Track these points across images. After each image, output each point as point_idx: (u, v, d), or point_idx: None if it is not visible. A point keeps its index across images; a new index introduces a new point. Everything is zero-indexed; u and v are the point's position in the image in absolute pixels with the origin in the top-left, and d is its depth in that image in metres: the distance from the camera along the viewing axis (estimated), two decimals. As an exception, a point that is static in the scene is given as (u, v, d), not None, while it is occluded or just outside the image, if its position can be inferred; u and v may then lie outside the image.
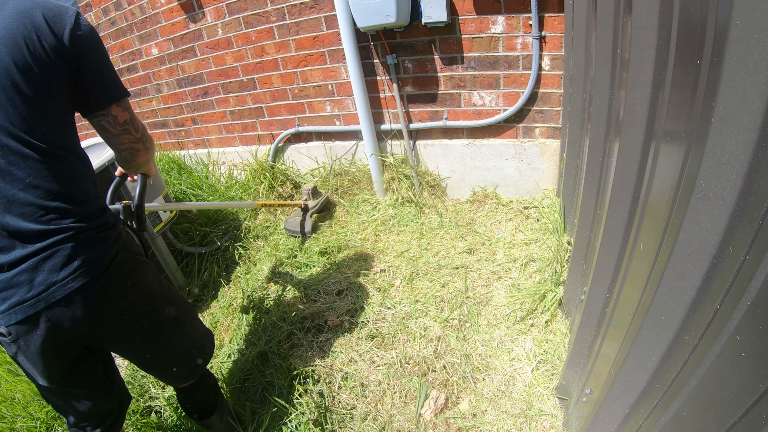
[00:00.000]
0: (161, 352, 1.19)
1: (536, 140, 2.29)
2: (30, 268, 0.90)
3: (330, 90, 2.61)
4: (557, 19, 1.96)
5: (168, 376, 1.29)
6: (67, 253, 0.93)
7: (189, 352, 1.28)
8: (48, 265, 0.91)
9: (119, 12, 2.95)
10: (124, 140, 1.05)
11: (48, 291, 0.92)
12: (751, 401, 0.53)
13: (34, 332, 0.94)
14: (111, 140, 1.04)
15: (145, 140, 1.10)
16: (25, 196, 0.88)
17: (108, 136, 1.03)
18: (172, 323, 1.20)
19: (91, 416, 1.16)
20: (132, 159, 1.10)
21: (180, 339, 1.23)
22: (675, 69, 0.67)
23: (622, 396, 0.89)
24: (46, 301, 0.92)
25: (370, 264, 2.24)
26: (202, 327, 1.38)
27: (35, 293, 0.91)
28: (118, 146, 1.06)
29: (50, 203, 0.91)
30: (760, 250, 0.48)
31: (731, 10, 0.47)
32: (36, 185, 0.89)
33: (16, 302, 0.90)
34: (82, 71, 0.93)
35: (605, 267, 1.05)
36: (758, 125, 0.46)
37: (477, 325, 1.77)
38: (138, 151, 1.09)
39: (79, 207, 0.96)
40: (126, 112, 1.03)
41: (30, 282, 0.90)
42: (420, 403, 1.50)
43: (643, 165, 0.83)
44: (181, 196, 2.79)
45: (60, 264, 0.92)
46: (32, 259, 0.90)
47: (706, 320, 0.61)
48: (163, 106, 3.24)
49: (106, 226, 1.02)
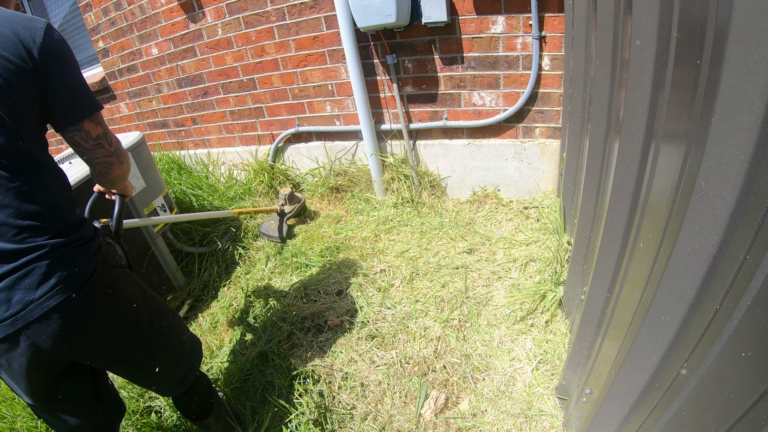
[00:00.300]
0: (146, 364, 1.17)
1: (536, 140, 2.29)
2: (6, 287, 0.89)
3: (330, 90, 2.61)
4: (557, 19, 1.96)
5: (157, 387, 1.28)
6: (42, 272, 0.91)
7: (176, 364, 1.25)
8: (24, 283, 0.90)
9: (119, 12, 2.95)
10: (98, 154, 1.03)
11: (26, 310, 0.90)
12: (751, 401, 0.53)
13: (14, 350, 0.94)
14: (84, 155, 1.02)
15: (119, 154, 1.08)
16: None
17: (81, 150, 1.01)
18: (156, 336, 1.17)
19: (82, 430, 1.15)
20: (106, 173, 1.08)
21: (165, 351, 1.21)
22: (675, 69, 0.67)
23: (622, 396, 0.89)
24: (24, 320, 0.91)
25: (370, 264, 2.24)
26: (190, 337, 1.35)
27: (13, 312, 0.90)
28: (92, 161, 1.04)
29: (22, 222, 0.89)
30: (760, 250, 0.48)
31: (731, 10, 0.47)
32: (6, 204, 0.87)
33: None
34: (52, 86, 0.91)
35: (605, 267, 1.05)
36: (758, 125, 0.46)
37: (477, 325, 1.77)
38: (112, 164, 1.07)
39: (53, 223, 0.94)
40: (99, 127, 1.01)
41: (8, 301, 0.89)
42: (420, 403, 1.50)
43: (643, 165, 0.83)
44: (181, 196, 2.79)
45: (36, 282, 0.91)
46: (8, 278, 0.89)
47: (706, 320, 0.61)
48: (163, 106, 3.24)
49: (83, 241, 1.00)
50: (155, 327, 1.17)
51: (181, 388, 1.30)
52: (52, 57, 0.89)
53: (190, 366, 1.30)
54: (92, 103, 0.98)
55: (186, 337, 1.32)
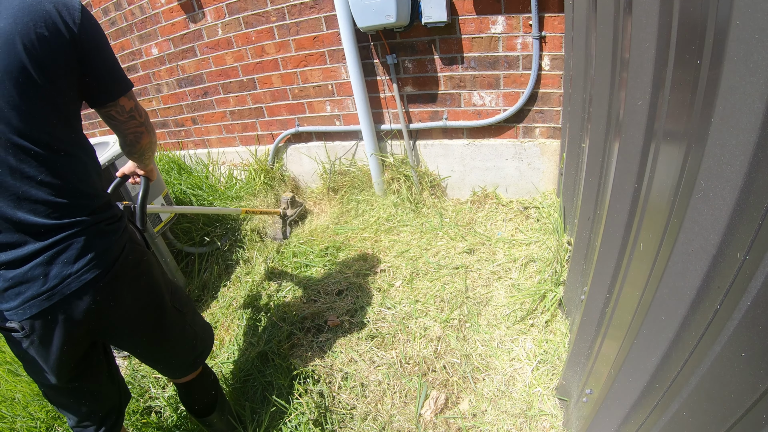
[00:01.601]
0: (165, 342, 1.21)
1: (536, 140, 2.29)
2: (44, 262, 0.91)
3: (330, 90, 2.61)
4: (557, 19, 1.96)
5: (170, 368, 1.31)
6: (80, 246, 0.94)
7: (191, 343, 1.29)
8: (62, 258, 0.93)
9: (119, 12, 2.95)
10: (131, 125, 1.10)
11: (63, 283, 0.93)
12: (751, 401, 0.53)
13: (47, 326, 0.95)
14: (118, 127, 1.09)
15: (148, 124, 1.15)
16: (36, 192, 0.89)
17: (116, 123, 1.08)
18: (176, 314, 1.22)
19: (94, 414, 1.17)
20: (137, 141, 1.14)
21: (183, 330, 1.25)
22: (675, 69, 0.67)
23: (622, 396, 0.89)
24: (62, 294, 0.93)
25: (370, 264, 2.23)
26: (202, 319, 1.40)
27: (50, 286, 0.92)
28: (125, 131, 1.11)
29: (61, 200, 0.92)
30: (760, 250, 0.48)
31: (731, 10, 0.47)
32: (47, 182, 0.90)
33: (30, 296, 0.91)
34: (91, 64, 0.94)
35: (605, 267, 1.05)
36: (758, 125, 0.46)
37: (477, 325, 1.77)
38: (142, 133, 1.13)
39: (88, 201, 0.98)
40: (131, 101, 1.07)
41: (44, 275, 0.91)
42: (420, 403, 1.50)
43: (643, 165, 0.83)
44: (181, 196, 2.79)
45: (74, 257, 0.94)
46: (46, 253, 0.91)
47: (706, 320, 0.61)
48: (163, 106, 3.24)
49: (113, 219, 1.04)
50: (176, 306, 1.22)
51: (193, 369, 1.33)
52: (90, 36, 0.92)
53: (203, 348, 1.35)
54: (127, 81, 1.04)
55: (199, 319, 1.37)
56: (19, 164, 0.87)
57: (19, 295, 0.91)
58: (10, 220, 0.88)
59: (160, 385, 1.80)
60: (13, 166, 0.86)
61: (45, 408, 1.65)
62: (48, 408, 1.65)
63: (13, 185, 0.87)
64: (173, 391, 1.75)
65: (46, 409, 1.65)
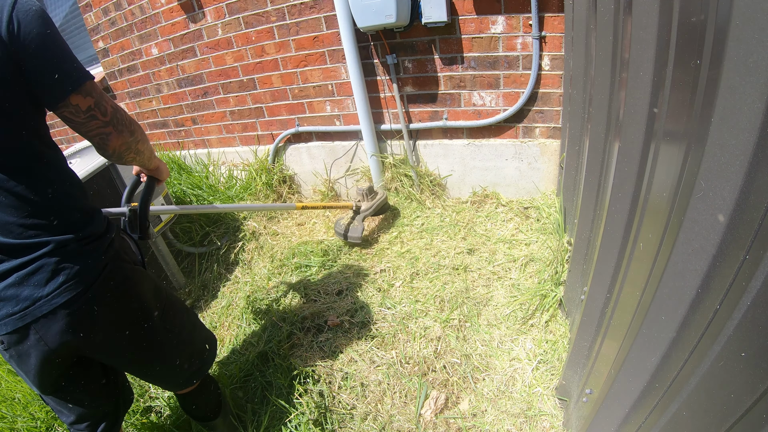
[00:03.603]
0: (153, 362, 1.17)
1: (536, 140, 2.29)
2: (16, 282, 0.89)
3: (330, 90, 2.61)
4: (557, 19, 1.96)
5: (164, 384, 1.28)
6: (51, 269, 0.91)
7: (186, 361, 1.24)
8: (33, 280, 0.90)
9: (119, 12, 2.95)
10: (92, 127, 0.95)
11: (34, 306, 0.91)
12: (751, 401, 0.53)
13: (24, 343, 0.94)
14: (78, 129, 0.95)
15: (117, 123, 0.98)
16: (1, 215, 0.86)
17: (74, 125, 0.94)
18: (167, 333, 1.16)
19: (87, 419, 1.16)
20: (104, 145, 0.99)
21: (175, 349, 1.20)
22: (675, 69, 0.67)
23: (622, 396, 0.89)
24: (33, 316, 0.91)
25: (370, 264, 2.23)
26: (203, 333, 1.34)
27: (22, 308, 0.90)
28: (87, 134, 0.96)
29: (27, 220, 0.88)
30: (759, 250, 0.48)
31: (731, 10, 0.47)
32: (10, 204, 0.86)
33: (4, 314, 0.90)
34: (30, 64, 0.83)
35: (605, 267, 1.05)
36: (758, 125, 0.46)
37: (477, 325, 1.77)
38: (109, 135, 0.97)
39: (61, 219, 0.92)
40: (89, 98, 0.91)
41: (17, 296, 0.90)
42: (420, 403, 1.50)
43: (643, 165, 0.83)
44: (181, 196, 2.79)
45: (45, 279, 0.90)
46: (17, 274, 0.89)
47: (706, 320, 0.61)
48: (163, 106, 3.24)
49: (93, 237, 0.98)
50: (166, 326, 1.16)
51: (189, 384, 1.29)
52: (23, 34, 0.81)
53: (200, 365, 1.29)
54: (78, 75, 0.89)
55: (199, 336, 1.31)
56: None
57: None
58: None
59: (160, 385, 1.81)
60: None
61: (45, 408, 1.65)
62: (48, 408, 1.65)
63: None
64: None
65: (46, 409, 1.65)
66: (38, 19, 0.83)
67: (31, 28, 0.82)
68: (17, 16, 0.80)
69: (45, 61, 0.84)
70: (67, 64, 0.87)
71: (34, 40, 0.82)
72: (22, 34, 0.81)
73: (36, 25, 0.82)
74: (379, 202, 2.39)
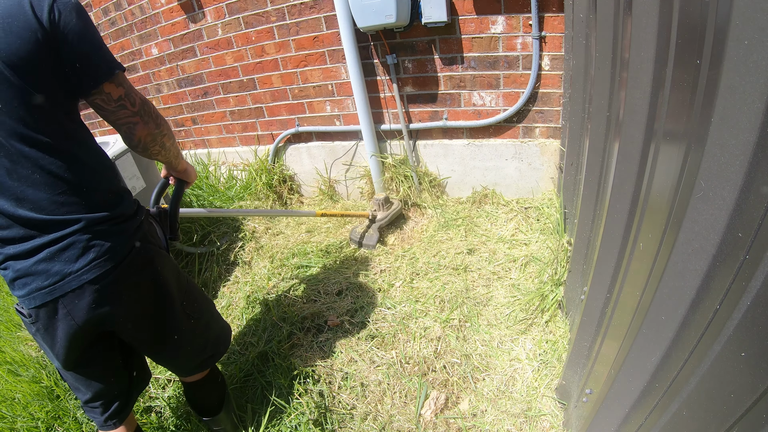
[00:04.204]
0: (171, 345, 1.20)
1: (536, 140, 2.29)
2: (47, 257, 0.92)
3: (330, 90, 2.61)
4: (557, 19, 1.96)
5: (174, 367, 1.31)
6: (82, 245, 0.94)
7: (201, 347, 1.28)
8: (64, 256, 0.93)
9: (119, 12, 2.95)
10: (121, 116, 1.00)
11: (64, 281, 0.94)
12: (751, 401, 0.53)
13: (51, 317, 0.98)
14: (107, 117, 1.00)
15: (144, 113, 1.03)
16: (33, 192, 0.89)
17: (104, 113, 0.99)
18: (186, 318, 1.20)
19: (102, 397, 1.18)
20: (131, 134, 1.03)
21: (192, 334, 1.24)
22: (675, 69, 0.67)
23: (622, 396, 0.89)
24: (62, 290, 0.94)
25: (370, 264, 2.24)
26: (219, 322, 1.38)
27: (51, 282, 0.93)
28: (116, 122, 1.01)
29: (60, 197, 0.92)
30: (759, 250, 0.48)
31: (731, 10, 0.47)
32: (42, 182, 0.90)
33: (34, 288, 0.94)
34: (67, 52, 0.88)
35: (605, 267, 1.05)
36: (758, 125, 0.46)
37: (477, 325, 1.77)
38: (136, 124, 1.02)
39: (91, 198, 0.96)
40: (120, 88, 0.97)
41: (47, 271, 0.93)
42: (420, 403, 1.50)
43: (643, 165, 0.83)
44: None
45: (75, 255, 0.94)
46: (48, 249, 0.92)
47: (706, 320, 0.61)
48: (163, 106, 3.24)
49: (123, 217, 1.02)
50: (186, 311, 1.20)
51: (199, 370, 1.33)
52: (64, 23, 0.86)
53: (213, 352, 1.33)
54: (111, 65, 0.94)
55: (215, 324, 1.35)
56: (13, 165, 0.87)
57: (25, 285, 0.94)
58: (14, 218, 0.90)
59: (160, 385, 1.80)
60: (8, 167, 0.87)
61: (45, 408, 1.65)
62: (48, 408, 1.65)
63: (11, 186, 0.88)
64: (173, 391, 1.75)
65: (46, 409, 1.65)
66: (76, 11, 0.89)
67: (70, 18, 0.87)
68: (58, 7, 0.86)
69: (82, 50, 0.90)
70: (102, 54, 0.93)
71: (72, 30, 0.88)
72: (62, 24, 0.86)
73: (74, 16, 0.88)
74: (395, 212, 2.47)
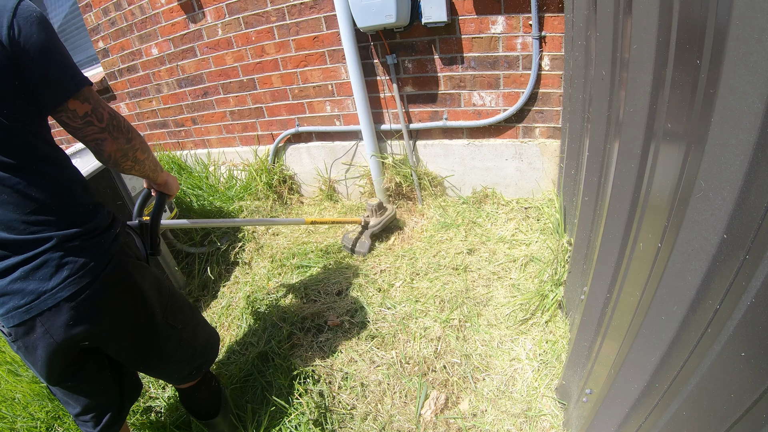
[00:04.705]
0: (155, 358, 1.19)
1: (536, 140, 2.28)
2: (21, 276, 0.91)
3: (330, 90, 2.60)
4: (557, 19, 1.96)
5: (165, 377, 1.30)
6: (55, 263, 0.93)
7: (189, 357, 1.27)
8: (38, 274, 0.92)
9: (119, 12, 2.95)
10: (88, 132, 0.97)
11: (39, 299, 0.93)
12: (751, 401, 0.53)
13: (30, 335, 0.97)
14: (75, 134, 0.97)
15: (112, 129, 0.99)
16: (3, 213, 0.88)
17: (71, 130, 0.96)
18: (168, 330, 1.18)
19: (93, 410, 1.17)
20: (100, 150, 1.00)
21: (177, 346, 1.22)
22: (675, 69, 0.67)
23: (622, 396, 0.89)
24: (38, 309, 0.93)
25: (370, 264, 2.23)
26: (206, 330, 1.36)
27: (27, 301, 0.92)
28: (83, 139, 0.98)
29: (30, 217, 0.90)
30: (759, 250, 0.48)
31: (731, 10, 0.47)
32: (11, 202, 0.88)
33: (12, 307, 0.93)
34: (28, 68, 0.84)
35: (605, 267, 1.05)
36: (758, 125, 0.46)
37: (477, 325, 1.77)
38: (104, 140, 0.98)
39: (61, 215, 0.94)
40: (86, 104, 0.93)
41: (22, 290, 0.92)
42: (420, 403, 1.50)
43: (643, 165, 0.83)
44: (181, 196, 2.78)
45: (49, 274, 0.92)
46: (22, 268, 0.91)
47: (706, 320, 0.61)
48: (163, 106, 3.24)
49: (97, 231, 1.00)
50: (169, 322, 1.18)
51: (191, 379, 1.32)
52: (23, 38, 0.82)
53: (201, 361, 1.32)
54: (75, 80, 0.90)
55: (201, 333, 1.33)
56: None
57: (3, 305, 0.93)
58: None
59: (160, 385, 1.80)
60: None
61: (45, 408, 1.65)
62: (48, 408, 1.65)
63: None
64: (173, 391, 1.75)
65: (46, 410, 1.65)
66: (38, 25, 0.85)
67: (31, 33, 0.83)
68: (18, 22, 0.82)
69: (44, 67, 0.86)
70: (66, 69, 0.89)
71: (34, 46, 0.84)
72: (22, 40, 0.82)
73: (36, 30, 0.84)
74: (388, 218, 2.42)
